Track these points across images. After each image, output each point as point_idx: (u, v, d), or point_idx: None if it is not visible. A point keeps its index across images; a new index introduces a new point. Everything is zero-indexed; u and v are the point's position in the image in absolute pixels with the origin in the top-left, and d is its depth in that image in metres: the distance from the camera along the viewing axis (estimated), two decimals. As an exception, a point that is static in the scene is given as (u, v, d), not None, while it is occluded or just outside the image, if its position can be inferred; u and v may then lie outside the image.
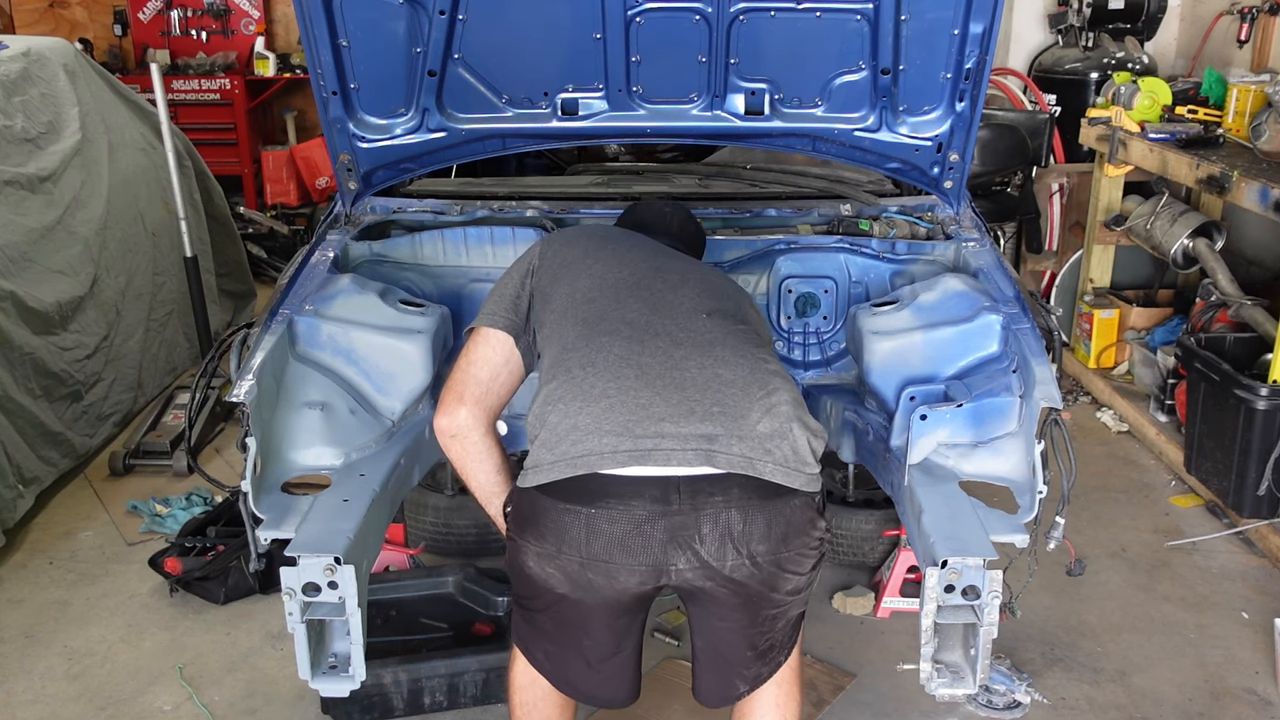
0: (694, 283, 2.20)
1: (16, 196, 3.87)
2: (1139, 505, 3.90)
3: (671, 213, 2.58)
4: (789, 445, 1.90)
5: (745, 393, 1.92)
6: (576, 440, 1.87)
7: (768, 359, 2.06)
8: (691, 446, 1.85)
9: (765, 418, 1.90)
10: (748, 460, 1.86)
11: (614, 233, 2.45)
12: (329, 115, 2.84)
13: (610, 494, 1.85)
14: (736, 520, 1.86)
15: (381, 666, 2.72)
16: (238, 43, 7.40)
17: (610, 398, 1.90)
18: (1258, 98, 4.13)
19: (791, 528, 1.91)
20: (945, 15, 2.68)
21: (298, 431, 2.39)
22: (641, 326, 2.03)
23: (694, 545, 1.86)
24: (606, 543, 1.86)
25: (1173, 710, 2.84)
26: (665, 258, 2.30)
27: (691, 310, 2.10)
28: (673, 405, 1.88)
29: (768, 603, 1.99)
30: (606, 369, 1.95)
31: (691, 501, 1.84)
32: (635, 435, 1.85)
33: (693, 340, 2.01)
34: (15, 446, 3.63)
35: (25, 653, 3.09)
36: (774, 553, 1.91)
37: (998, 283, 2.69)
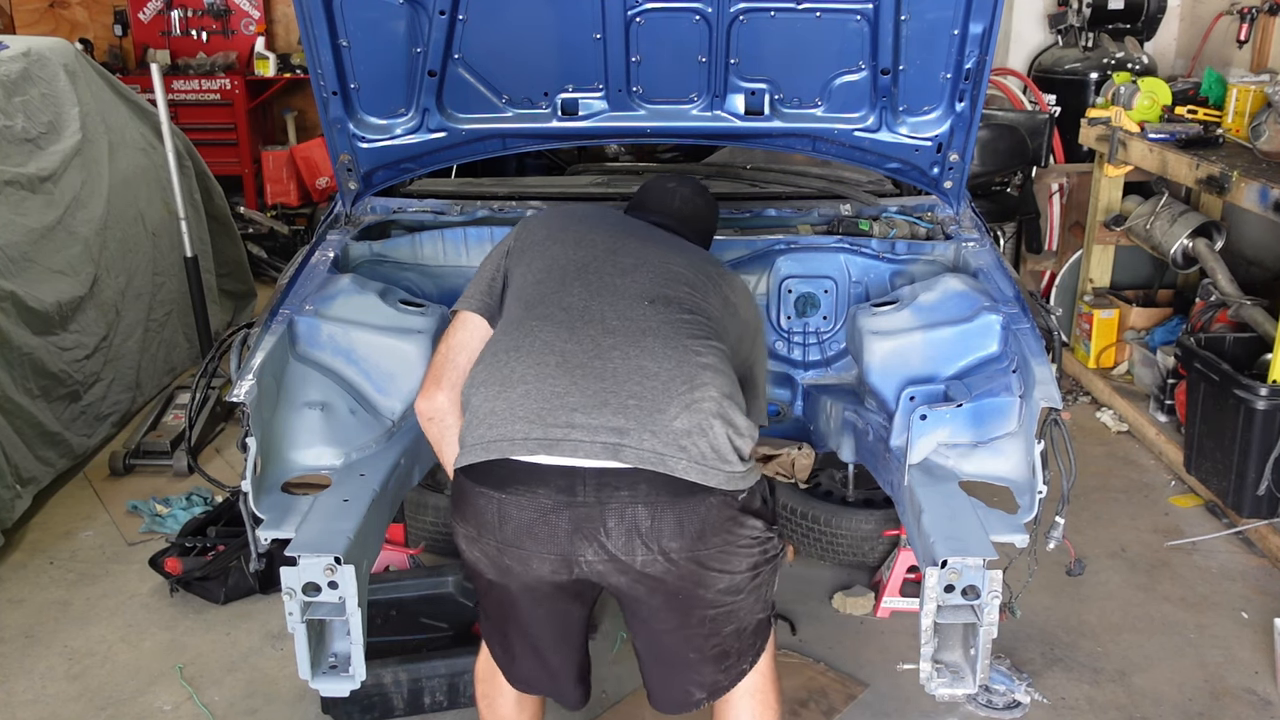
0: (650, 267, 2.13)
1: (17, 196, 3.87)
2: (1139, 505, 3.90)
3: (676, 188, 2.50)
4: (707, 442, 1.86)
5: (666, 387, 1.87)
6: (492, 425, 1.89)
7: (702, 351, 1.98)
8: (601, 439, 1.83)
9: (683, 413, 1.85)
10: (659, 456, 1.83)
11: (589, 213, 2.38)
12: (329, 115, 2.84)
13: (519, 480, 1.86)
14: (644, 516, 1.84)
15: (381, 666, 2.72)
16: (238, 43, 7.40)
17: (528, 384, 1.89)
18: (1257, 98, 4.13)
19: (707, 525, 1.88)
20: (945, 15, 2.68)
21: (298, 431, 2.39)
22: (578, 312, 2.00)
23: (600, 538, 1.85)
24: (516, 528, 1.88)
25: (1173, 710, 2.85)
26: (631, 239, 2.23)
27: (635, 296, 2.04)
28: (588, 395, 1.86)
29: (699, 602, 1.96)
30: (530, 354, 1.93)
31: (597, 495, 1.83)
32: (546, 424, 1.84)
33: (626, 329, 1.97)
34: (13, 447, 3.63)
35: (25, 653, 3.09)
36: (690, 550, 1.87)
37: (998, 283, 2.70)
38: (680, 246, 2.29)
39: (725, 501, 1.90)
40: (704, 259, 2.31)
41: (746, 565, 1.97)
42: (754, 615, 2.07)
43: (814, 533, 3.33)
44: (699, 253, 2.33)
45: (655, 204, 2.46)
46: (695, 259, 2.26)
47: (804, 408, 3.10)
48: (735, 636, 2.06)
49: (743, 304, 2.26)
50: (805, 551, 3.40)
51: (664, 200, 2.46)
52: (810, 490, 3.39)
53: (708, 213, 2.54)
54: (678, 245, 2.30)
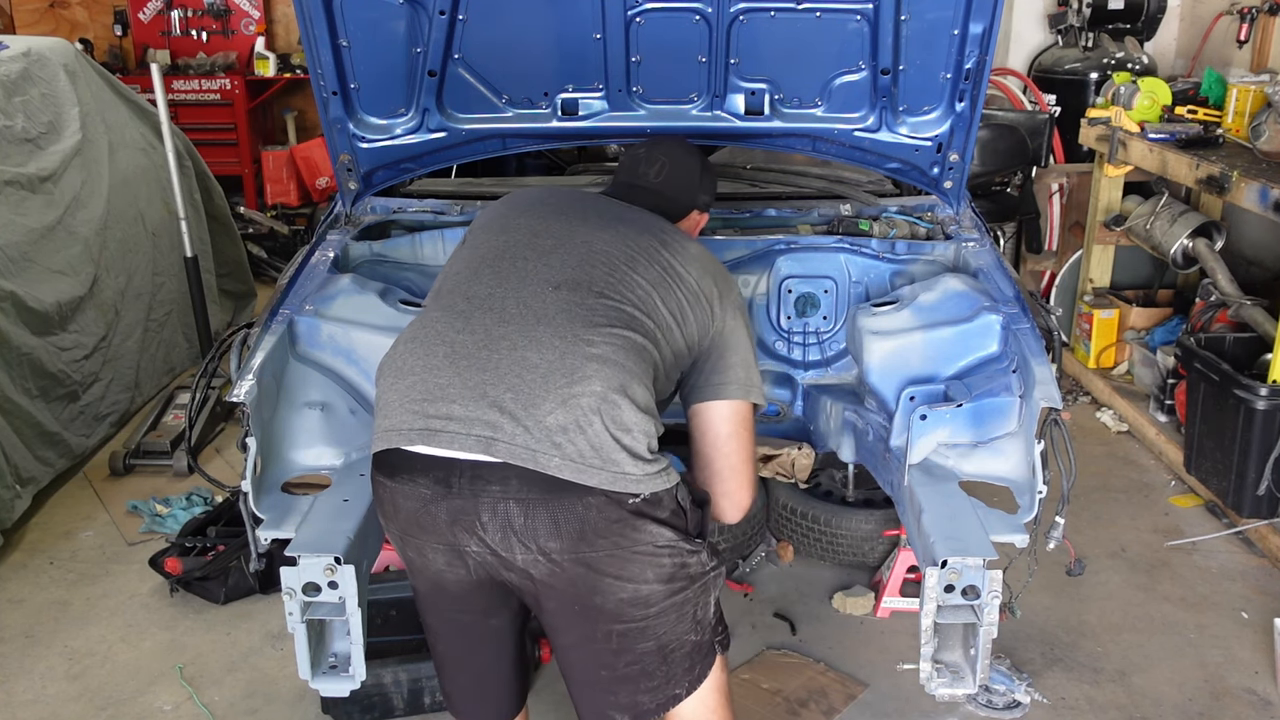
0: (569, 249, 2.04)
1: (17, 196, 3.87)
2: (1139, 505, 3.90)
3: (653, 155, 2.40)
4: (585, 439, 1.78)
5: (545, 379, 1.81)
6: (385, 415, 1.89)
7: (596, 341, 1.87)
8: (475, 432, 1.79)
9: (558, 409, 1.78)
10: (530, 452, 1.77)
11: (533, 197, 2.28)
12: (329, 115, 2.84)
13: (404, 469, 1.85)
14: (516, 513, 1.79)
15: (381, 666, 2.72)
16: (238, 43, 7.40)
17: (415, 375, 1.88)
18: (1257, 98, 4.13)
19: (588, 526, 1.78)
20: (945, 15, 2.68)
21: (298, 431, 2.39)
22: (480, 301, 1.96)
23: (478, 532, 1.82)
24: (406, 517, 1.88)
25: (1173, 710, 2.85)
26: (560, 219, 2.13)
27: (542, 282, 1.97)
28: (469, 387, 1.83)
29: (601, 615, 1.88)
30: (422, 345, 1.92)
31: (471, 487, 1.80)
32: (427, 415, 1.83)
33: (522, 317, 1.91)
34: (12, 447, 3.63)
35: (25, 653, 3.09)
36: (572, 551, 1.80)
37: (998, 283, 2.70)
38: (621, 219, 2.17)
39: (611, 502, 1.79)
40: (647, 229, 2.15)
41: (654, 576, 1.87)
42: (682, 636, 1.95)
43: (814, 533, 3.33)
44: (644, 223, 2.18)
45: (630, 175, 2.39)
46: (634, 230, 2.13)
47: (804, 408, 3.10)
48: (658, 657, 1.94)
49: (695, 270, 2.11)
50: (805, 551, 3.40)
51: (640, 169, 2.38)
52: (810, 490, 3.39)
53: (691, 178, 2.40)
54: (618, 218, 2.17)
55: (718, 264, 2.21)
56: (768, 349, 3.13)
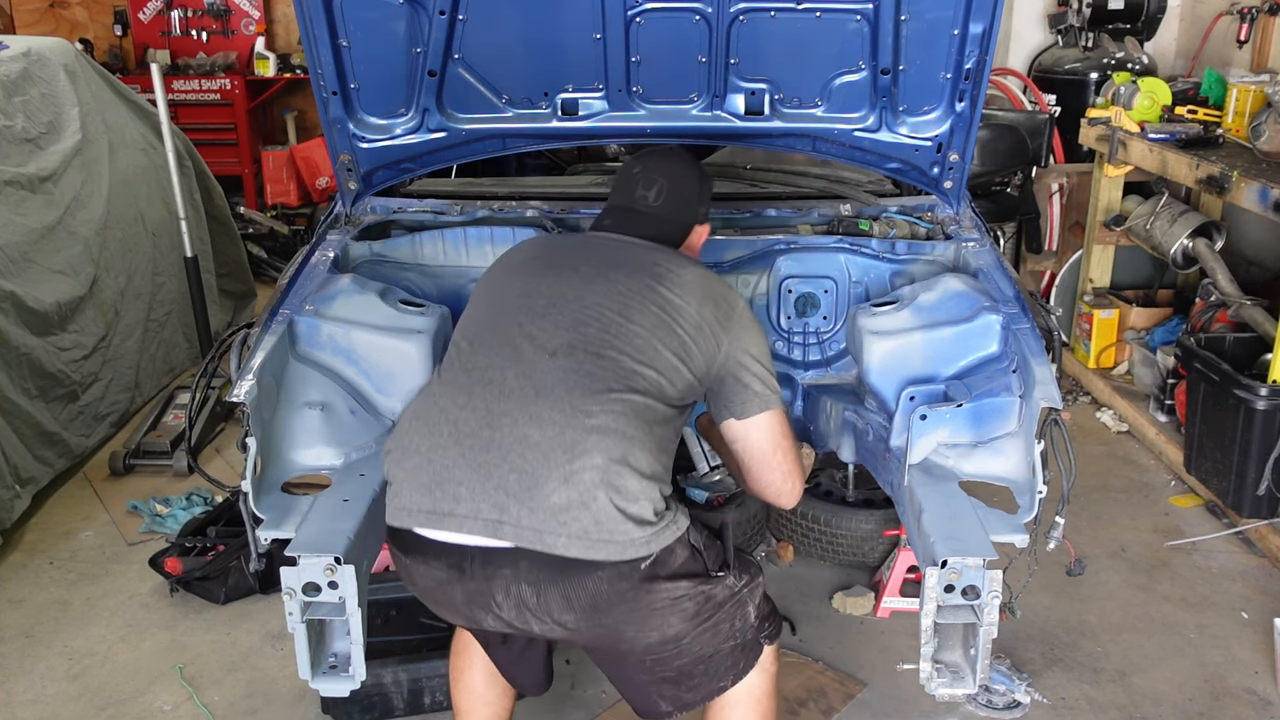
0: (562, 308, 2.02)
1: (17, 196, 3.87)
2: (1139, 505, 3.90)
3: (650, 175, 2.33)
4: (590, 516, 1.79)
5: (546, 458, 1.81)
6: (395, 493, 1.93)
7: (595, 410, 1.86)
8: (482, 516, 1.82)
9: (561, 487, 1.79)
10: (537, 534, 1.79)
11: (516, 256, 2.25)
12: (329, 115, 2.84)
13: (418, 551, 1.91)
14: (529, 594, 1.83)
15: (381, 666, 2.72)
16: (238, 43, 7.40)
17: (421, 454, 1.90)
18: (1257, 98, 4.13)
19: (601, 599, 1.82)
20: (945, 15, 2.68)
21: (298, 431, 2.39)
22: (479, 374, 1.95)
23: (493, 610, 1.88)
24: (423, 590, 1.97)
25: (1173, 710, 2.84)
26: (546, 277, 2.11)
27: (539, 350, 1.96)
28: (473, 469, 1.84)
29: (630, 655, 1.94)
30: (427, 424, 1.93)
31: (483, 571, 1.84)
32: (435, 497, 1.86)
33: (522, 390, 1.90)
34: (12, 447, 3.63)
35: (25, 653, 3.09)
36: (587, 620, 1.84)
37: (998, 283, 2.70)
38: (613, 263, 2.13)
39: (620, 573, 1.82)
40: (639, 268, 2.12)
41: (678, 619, 1.90)
42: (721, 645, 2.00)
43: (814, 533, 3.33)
44: (637, 261, 2.14)
45: (620, 198, 2.35)
46: (626, 274, 2.10)
47: (804, 408, 3.10)
48: (698, 665, 1.99)
49: (691, 301, 2.08)
50: (805, 551, 3.40)
51: (628, 194, 2.33)
52: (810, 490, 3.39)
53: (682, 191, 2.34)
54: (610, 263, 2.14)
55: (716, 283, 2.19)
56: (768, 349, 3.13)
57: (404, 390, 2.53)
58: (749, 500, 3.35)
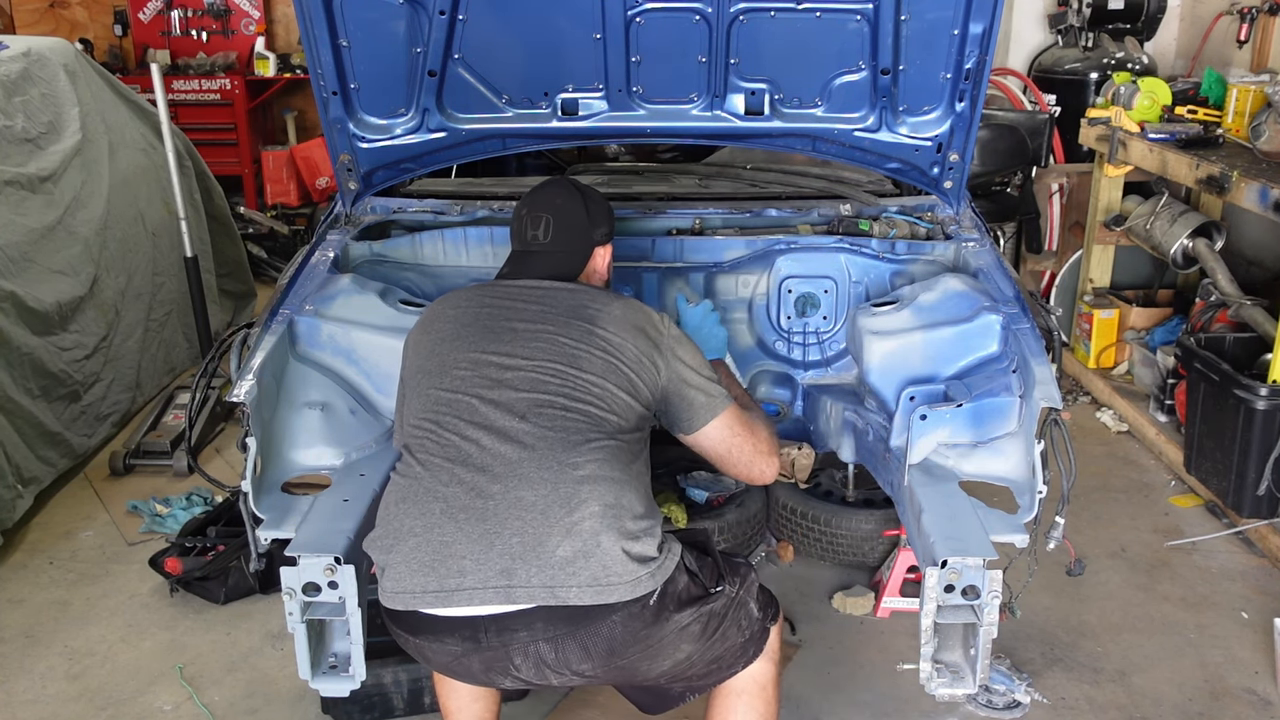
0: (517, 370, 2.06)
1: (17, 196, 3.87)
2: (1139, 505, 3.90)
3: (535, 214, 2.35)
4: (597, 563, 1.83)
5: (545, 516, 1.85)
6: (395, 579, 1.90)
7: (580, 462, 1.91)
8: (492, 585, 1.83)
9: (565, 540, 1.83)
10: (549, 590, 1.82)
11: (442, 327, 2.22)
12: (329, 115, 2.84)
13: (426, 630, 1.91)
14: (547, 651, 1.86)
15: (381, 666, 2.72)
16: (238, 43, 7.40)
17: (417, 536, 1.90)
18: (1257, 98, 4.13)
19: (616, 643, 1.86)
20: (945, 15, 2.68)
21: (298, 431, 2.39)
22: (455, 449, 1.97)
23: (511, 673, 1.91)
24: (438, 665, 2.00)
25: (1173, 710, 2.84)
26: (487, 343, 2.12)
27: (507, 415, 1.99)
28: (473, 540, 1.85)
29: (645, 679, 2.00)
30: (414, 504, 1.93)
31: (500, 639, 1.86)
32: (440, 575, 1.86)
33: (502, 459, 1.93)
34: (14, 447, 3.63)
35: (25, 653, 3.09)
36: (604, 664, 1.88)
37: (998, 283, 2.70)
38: (543, 315, 2.16)
39: (632, 614, 1.86)
40: (569, 312, 2.16)
41: (687, 643, 1.95)
42: (730, 645, 2.04)
43: (814, 533, 3.33)
44: (563, 304, 2.18)
45: (518, 244, 2.37)
46: (560, 321, 2.14)
47: (804, 408, 3.10)
48: (711, 664, 2.04)
49: (628, 338, 2.13)
50: (805, 551, 3.40)
51: (522, 238, 2.36)
52: (810, 490, 3.39)
53: (569, 221, 2.35)
54: (539, 316, 2.16)
55: (640, 311, 2.22)
56: (768, 349, 3.13)
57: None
58: (749, 500, 3.35)
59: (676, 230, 3.08)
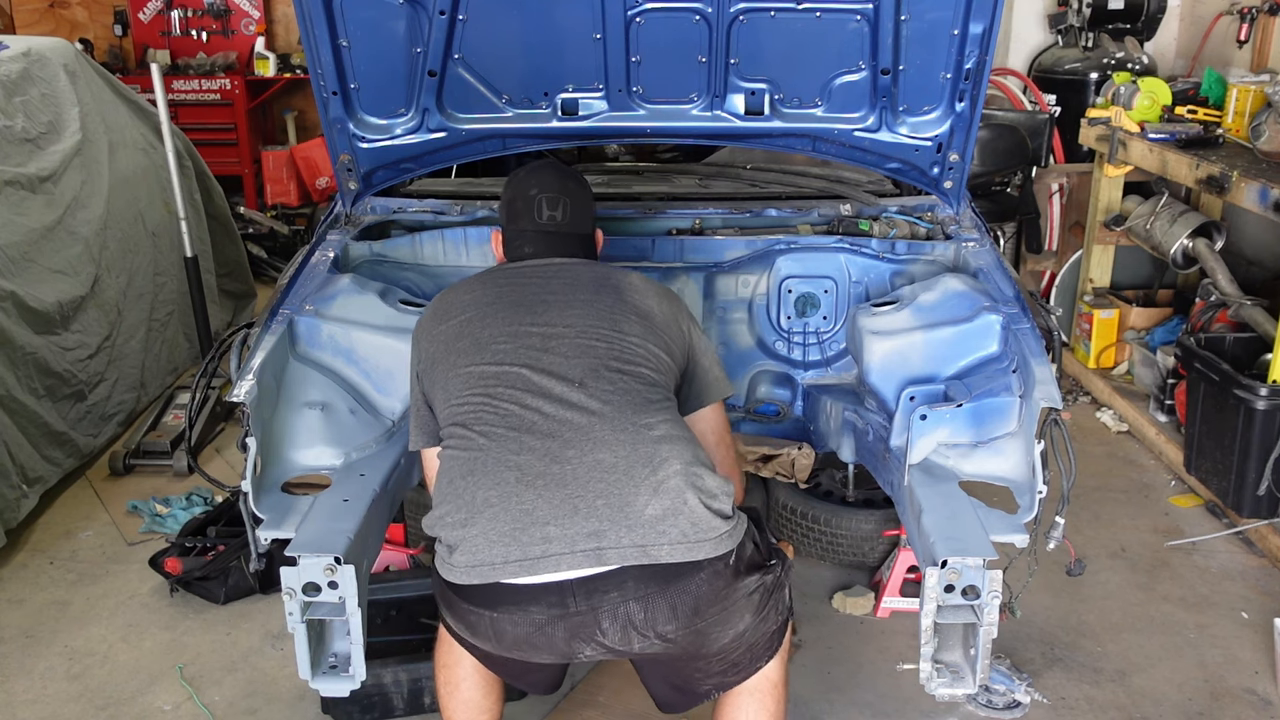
0: (564, 341, 2.05)
1: (17, 196, 3.87)
2: (1139, 505, 3.90)
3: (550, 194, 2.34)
4: (685, 519, 1.83)
5: (629, 476, 1.85)
6: (471, 552, 1.87)
7: (653, 422, 1.94)
8: (580, 548, 1.81)
9: (654, 499, 1.83)
10: (640, 549, 1.81)
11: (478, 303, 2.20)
12: (329, 115, 2.84)
13: (509, 600, 1.87)
14: (636, 611, 1.84)
15: (381, 666, 2.72)
16: (238, 43, 7.40)
17: (494, 506, 1.86)
18: (1257, 98, 4.13)
19: (701, 601, 1.87)
20: (945, 15, 2.68)
21: (298, 431, 2.39)
22: (517, 419, 1.95)
23: (596, 638, 1.88)
24: (512, 641, 1.93)
25: (1173, 710, 2.84)
26: (527, 313, 2.12)
27: (564, 382, 1.98)
28: (555, 505, 1.84)
29: (703, 656, 2.00)
30: (486, 475, 1.90)
31: (588, 602, 1.84)
32: (522, 543, 1.83)
33: (570, 425, 1.93)
34: (19, 446, 3.63)
35: (25, 653, 3.09)
36: (686, 627, 1.89)
37: (998, 283, 2.70)
38: (573, 286, 2.19)
39: (716, 571, 1.87)
40: (597, 284, 2.19)
41: (750, 613, 1.97)
42: (768, 629, 2.06)
43: (814, 533, 3.33)
44: (591, 278, 2.22)
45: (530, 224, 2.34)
46: (591, 292, 2.17)
47: (804, 408, 3.10)
48: (747, 655, 2.06)
49: (654, 302, 2.18)
50: (805, 551, 3.40)
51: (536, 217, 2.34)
52: (810, 490, 3.39)
53: (581, 203, 2.38)
54: (570, 286, 2.19)
55: (655, 282, 2.30)
56: (768, 349, 3.13)
57: (404, 390, 2.53)
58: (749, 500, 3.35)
59: (676, 230, 3.08)
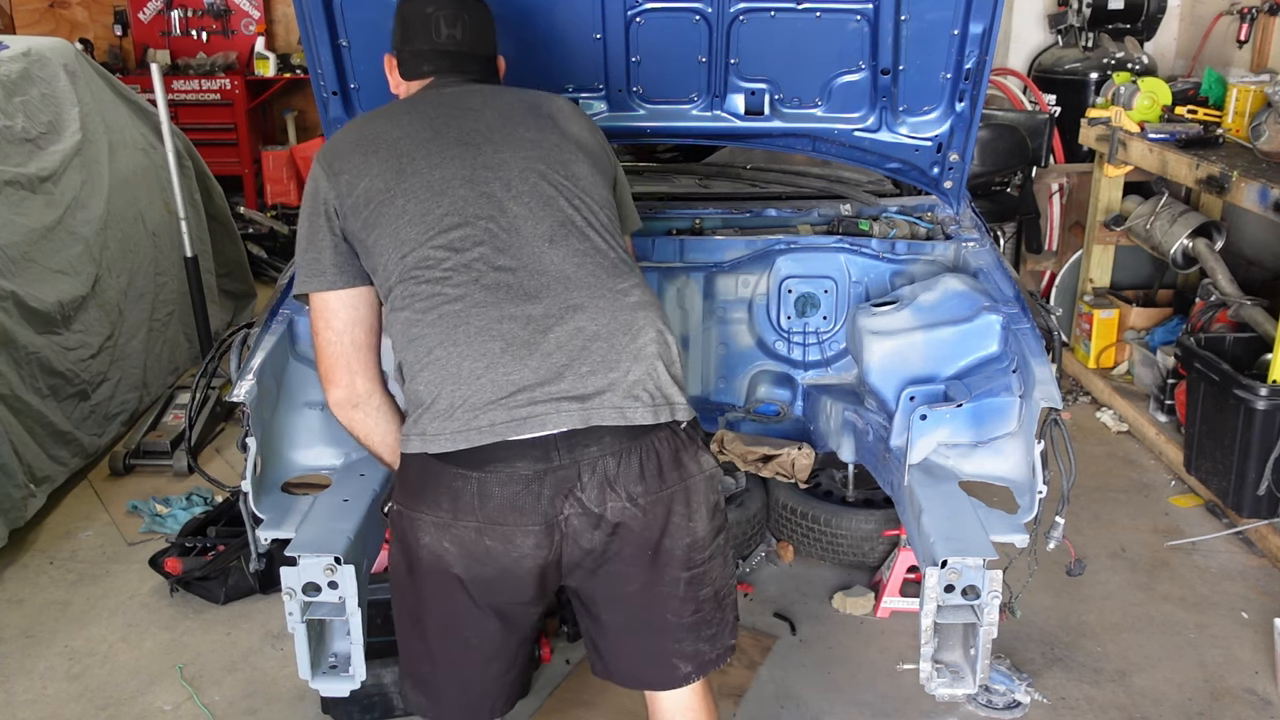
0: (521, 188, 1.99)
1: (17, 196, 3.87)
2: (1139, 505, 3.90)
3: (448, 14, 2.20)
4: (653, 384, 1.91)
5: (611, 344, 1.90)
6: (455, 418, 1.87)
7: (626, 288, 1.96)
8: (565, 409, 1.86)
9: (634, 365, 1.90)
10: (618, 411, 1.87)
11: (409, 134, 2.06)
12: (329, 115, 2.84)
13: (495, 459, 1.87)
14: (611, 465, 1.89)
15: (381, 666, 2.72)
16: (238, 43, 7.41)
17: (480, 378, 1.87)
18: (1257, 98, 4.13)
19: (663, 461, 1.92)
20: (945, 15, 2.68)
21: (298, 431, 2.39)
22: (491, 280, 1.93)
23: (577, 494, 1.89)
24: (499, 505, 1.88)
25: (1173, 710, 2.85)
26: (478, 154, 2.03)
27: (535, 239, 1.96)
28: (542, 373, 1.87)
29: (669, 559, 1.97)
30: (469, 345, 1.89)
31: (571, 455, 1.87)
32: (509, 408, 1.86)
33: (548, 288, 1.93)
34: (25, 446, 3.63)
35: (25, 653, 3.09)
36: (654, 492, 1.92)
37: (998, 283, 2.70)
38: (510, 113, 2.09)
39: (675, 433, 1.94)
40: (535, 111, 2.10)
41: (706, 512, 1.99)
42: (729, 582, 2.08)
43: (814, 533, 3.33)
44: (524, 103, 2.12)
45: (425, 42, 2.19)
46: (534, 122, 2.08)
47: (804, 408, 3.10)
48: (715, 604, 2.04)
49: (586, 132, 2.15)
50: (805, 551, 3.40)
51: (434, 36, 2.19)
52: (810, 490, 3.39)
53: (481, 27, 2.25)
54: (507, 115, 2.09)
55: (580, 110, 2.23)
56: (768, 349, 3.13)
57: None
58: (749, 500, 3.35)
59: (676, 230, 3.08)
